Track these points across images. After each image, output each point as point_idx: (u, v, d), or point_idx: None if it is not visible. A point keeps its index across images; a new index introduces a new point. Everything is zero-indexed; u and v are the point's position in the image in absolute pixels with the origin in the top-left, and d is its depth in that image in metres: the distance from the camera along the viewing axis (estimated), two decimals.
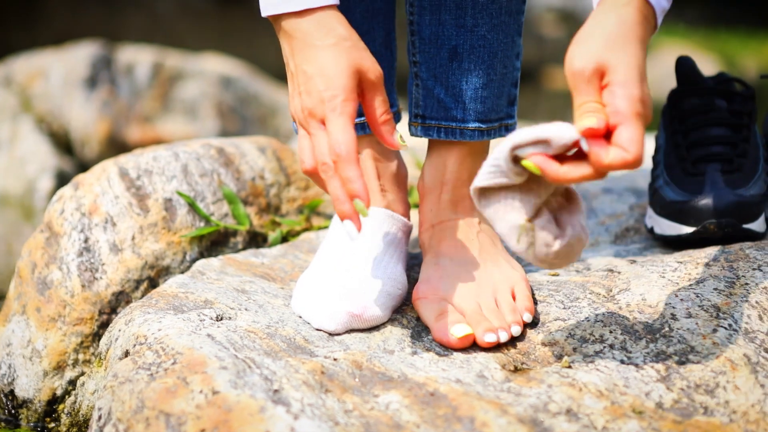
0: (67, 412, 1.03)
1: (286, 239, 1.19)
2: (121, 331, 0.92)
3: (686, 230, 1.04)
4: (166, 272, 1.08)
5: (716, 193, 1.03)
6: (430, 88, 0.99)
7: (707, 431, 0.75)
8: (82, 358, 1.04)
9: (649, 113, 0.75)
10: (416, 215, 1.20)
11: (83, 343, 1.04)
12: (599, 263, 1.06)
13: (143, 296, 1.05)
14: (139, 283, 1.06)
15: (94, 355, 1.04)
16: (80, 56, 2.80)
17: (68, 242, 1.07)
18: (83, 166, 2.48)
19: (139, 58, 2.93)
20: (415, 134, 1.02)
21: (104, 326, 1.04)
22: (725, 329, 0.86)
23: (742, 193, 1.04)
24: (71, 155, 2.69)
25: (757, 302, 0.89)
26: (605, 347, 0.86)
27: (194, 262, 1.10)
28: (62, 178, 2.44)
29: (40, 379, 1.04)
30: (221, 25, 5.13)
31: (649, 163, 1.35)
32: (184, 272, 1.08)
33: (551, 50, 5.11)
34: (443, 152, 1.00)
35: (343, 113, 0.81)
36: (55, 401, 1.04)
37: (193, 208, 1.12)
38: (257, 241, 1.17)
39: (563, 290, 0.97)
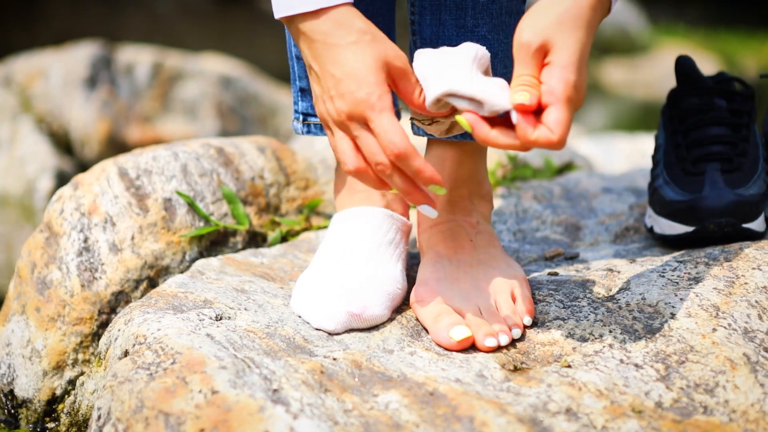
0: (66, 411, 1.03)
1: (285, 239, 1.19)
2: (120, 330, 0.92)
3: (686, 230, 1.04)
4: (165, 272, 1.08)
5: (716, 192, 1.03)
6: None
7: (707, 430, 0.75)
8: (81, 357, 1.04)
9: (580, 99, 0.78)
10: (415, 215, 1.20)
11: (83, 342, 1.04)
12: (599, 263, 1.06)
13: (143, 296, 1.05)
14: (138, 282, 1.06)
15: (93, 354, 1.04)
16: (80, 56, 2.81)
17: (68, 242, 1.07)
18: (83, 166, 2.48)
19: (139, 58, 2.93)
20: (417, 133, 1.02)
21: (104, 326, 1.04)
22: (725, 329, 0.86)
23: (741, 192, 1.04)
24: (71, 155, 2.70)
25: (756, 302, 0.89)
26: (605, 346, 0.86)
27: (194, 261, 1.10)
28: (62, 178, 2.44)
29: (39, 378, 1.04)
30: (221, 25, 5.13)
31: (648, 162, 1.35)
32: (183, 272, 1.08)
33: None
34: (442, 152, 1.00)
35: (383, 109, 0.80)
36: (54, 401, 1.04)
37: (192, 207, 1.12)
38: (257, 240, 1.17)
39: (563, 289, 0.97)
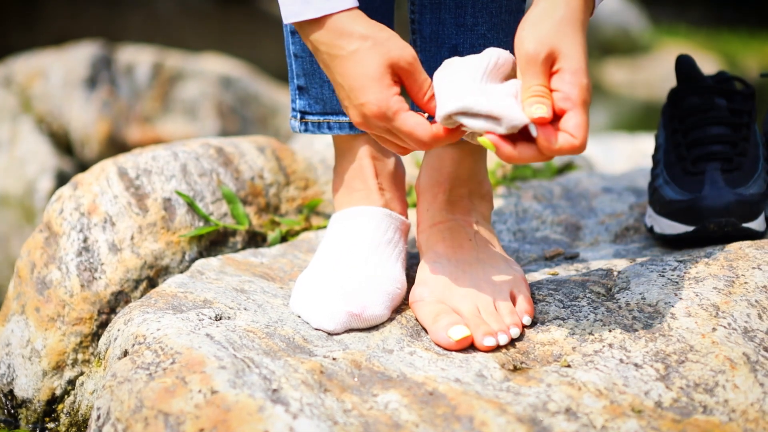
0: (66, 412, 1.03)
1: (285, 239, 1.19)
2: (120, 330, 0.92)
3: (686, 229, 1.04)
4: (165, 272, 1.08)
5: (716, 192, 1.03)
6: None
7: (706, 430, 0.75)
8: (81, 357, 1.04)
9: (590, 100, 0.80)
10: (414, 215, 1.20)
11: (82, 342, 1.04)
12: (599, 262, 1.06)
13: (142, 296, 1.05)
14: (138, 282, 1.06)
15: (93, 354, 1.04)
16: (80, 56, 2.81)
17: (67, 242, 1.07)
18: (83, 166, 2.48)
19: (139, 58, 2.93)
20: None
21: (103, 326, 1.04)
22: (724, 328, 0.86)
23: (741, 192, 1.03)
24: (71, 155, 2.69)
25: (756, 301, 0.89)
26: (604, 346, 0.86)
27: (193, 261, 1.10)
28: (62, 178, 2.44)
29: (39, 379, 1.04)
30: (221, 25, 5.13)
31: (648, 161, 1.35)
32: (183, 272, 1.08)
33: None
34: (441, 151, 1.00)
35: (397, 113, 0.82)
36: (54, 401, 1.04)
37: (192, 207, 1.12)
38: (256, 240, 1.17)
39: (563, 289, 0.97)
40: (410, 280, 1.01)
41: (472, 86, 0.81)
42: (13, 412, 1.05)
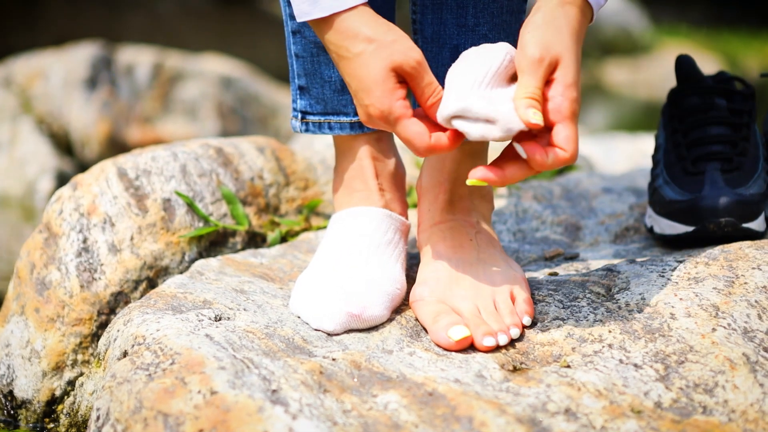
0: (66, 412, 1.03)
1: (285, 239, 1.19)
2: (119, 331, 0.92)
3: (686, 229, 1.04)
4: (164, 272, 1.08)
5: (716, 192, 1.03)
6: None
7: (706, 430, 0.75)
8: (80, 358, 1.04)
9: (579, 111, 0.82)
10: (414, 215, 1.20)
11: (82, 343, 1.04)
12: (599, 263, 1.06)
13: (142, 297, 1.05)
14: (137, 283, 1.06)
15: (92, 355, 1.04)
16: (80, 57, 2.81)
17: (67, 243, 1.07)
18: (83, 166, 2.48)
19: (139, 58, 2.93)
20: None
21: (103, 327, 1.04)
22: (724, 328, 0.86)
23: (741, 192, 1.03)
24: (71, 156, 2.70)
25: (756, 301, 0.89)
26: (604, 347, 0.86)
27: (193, 262, 1.10)
28: (62, 178, 2.44)
29: (39, 379, 1.04)
30: (221, 25, 5.14)
31: (648, 162, 1.35)
32: (182, 272, 1.08)
33: None
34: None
35: (399, 119, 0.84)
36: (54, 402, 1.04)
37: (191, 208, 1.12)
38: (256, 241, 1.17)
39: (562, 289, 0.97)
40: (410, 280, 1.01)
41: (475, 88, 0.81)
42: (12, 412, 1.05)
